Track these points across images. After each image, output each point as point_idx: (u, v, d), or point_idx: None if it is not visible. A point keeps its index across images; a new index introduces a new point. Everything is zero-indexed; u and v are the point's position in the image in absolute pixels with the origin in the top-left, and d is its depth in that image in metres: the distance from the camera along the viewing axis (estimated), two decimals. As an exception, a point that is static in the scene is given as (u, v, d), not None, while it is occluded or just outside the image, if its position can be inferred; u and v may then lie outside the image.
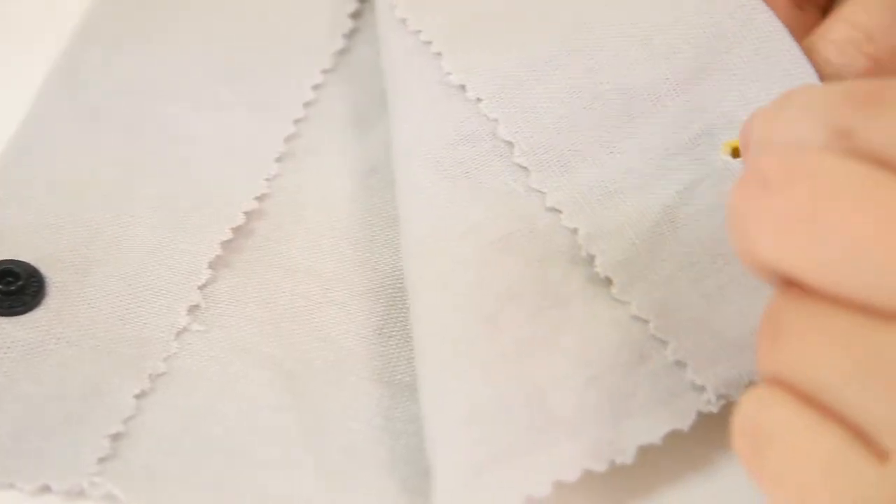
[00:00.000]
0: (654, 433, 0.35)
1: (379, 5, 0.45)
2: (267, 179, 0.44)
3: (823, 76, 0.38)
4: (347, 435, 0.38)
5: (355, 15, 0.49)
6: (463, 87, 0.41)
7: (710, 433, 0.36)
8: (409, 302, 0.39)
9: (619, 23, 0.41)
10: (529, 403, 0.35)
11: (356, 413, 0.38)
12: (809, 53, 0.39)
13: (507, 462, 0.34)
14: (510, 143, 0.40)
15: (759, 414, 0.30)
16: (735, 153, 0.39)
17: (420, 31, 0.43)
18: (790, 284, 0.31)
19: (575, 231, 0.39)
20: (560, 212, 0.39)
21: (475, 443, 0.35)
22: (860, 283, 0.28)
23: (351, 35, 0.48)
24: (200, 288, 0.41)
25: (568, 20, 0.41)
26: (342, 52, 0.48)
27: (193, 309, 0.41)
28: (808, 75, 0.38)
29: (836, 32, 0.38)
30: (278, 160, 0.44)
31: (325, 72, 0.47)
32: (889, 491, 0.28)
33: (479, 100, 0.41)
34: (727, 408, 0.36)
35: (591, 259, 0.38)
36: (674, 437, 0.36)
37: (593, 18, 0.41)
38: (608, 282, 0.38)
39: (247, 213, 0.42)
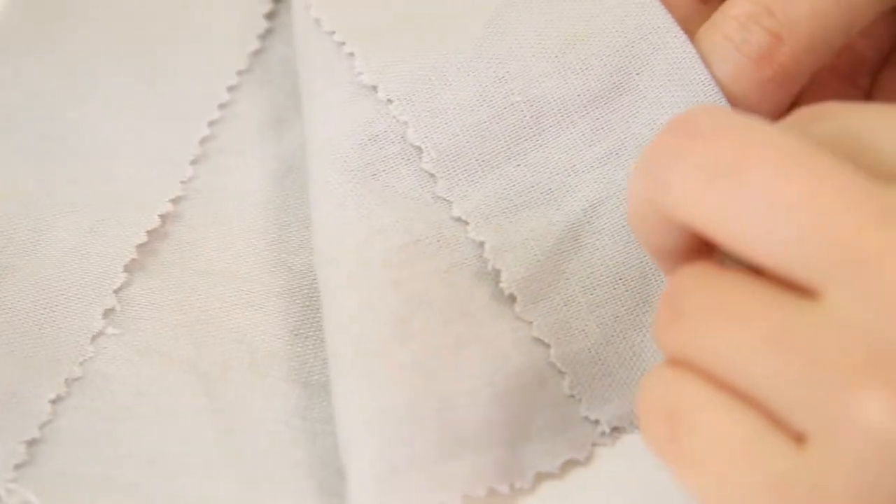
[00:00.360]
0: (551, 461, 0.37)
1: (294, 4, 0.45)
2: (182, 182, 0.44)
3: (724, 51, 0.38)
4: (264, 436, 0.38)
5: (270, 15, 0.48)
6: (374, 88, 0.41)
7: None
8: (321, 302, 0.39)
9: (532, 33, 0.41)
10: (439, 412, 0.35)
11: (273, 414, 0.39)
12: (711, 30, 0.39)
13: (419, 468, 0.35)
14: (419, 148, 0.41)
15: (671, 397, 0.30)
16: None
17: (334, 32, 0.43)
18: (687, 256, 0.31)
19: (481, 244, 0.39)
20: (466, 223, 0.39)
21: (387, 445, 0.35)
22: (777, 249, 0.28)
23: (266, 35, 0.48)
24: (115, 291, 0.41)
25: (482, 27, 0.41)
26: (257, 53, 0.47)
27: (109, 312, 0.40)
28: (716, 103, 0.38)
29: (736, 8, 0.38)
30: (193, 162, 0.44)
31: (240, 73, 0.47)
32: (810, 475, 0.28)
33: (389, 101, 0.41)
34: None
35: (497, 273, 0.39)
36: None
37: (507, 27, 0.41)
38: (512, 298, 0.38)
39: (162, 216, 0.42)
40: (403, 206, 0.39)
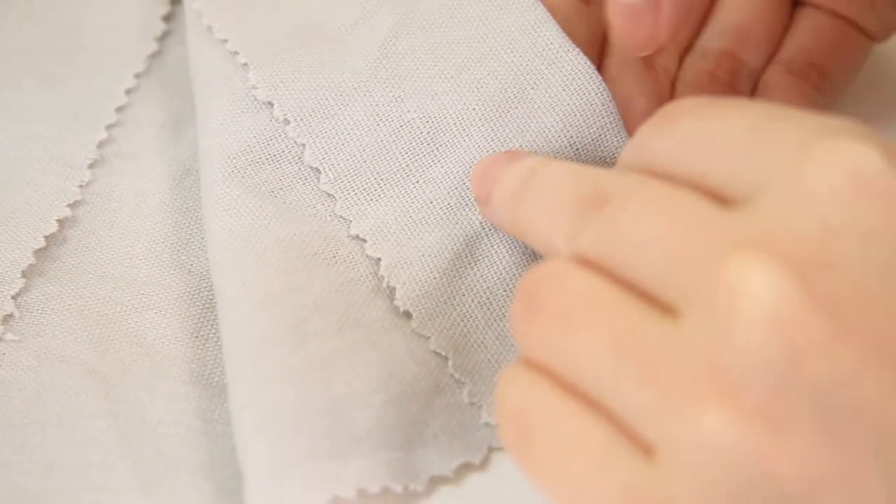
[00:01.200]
0: (446, 465, 0.37)
1: (187, 10, 0.45)
2: (80, 186, 0.44)
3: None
4: (165, 439, 0.38)
5: (167, 17, 0.49)
6: (270, 104, 0.41)
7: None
8: (218, 307, 0.40)
9: (428, 56, 0.41)
10: (331, 414, 0.36)
11: (173, 417, 0.39)
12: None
13: (312, 464, 0.35)
14: (316, 170, 0.41)
15: (523, 400, 0.30)
16: None
17: (227, 41, 0.43)
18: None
19: (378, 261, 0.39)
20: (364, 241, 0.40)
21: (279, 442, 0.35)
22: (646, 275, 0.29)
23: (163, 37, 0.48)
24: (14, 297, 0.41)
25: (378, 48, 0.42)
26: (155, 55, 0.48)
27: (7, 318, 0.40)
28: (610, 112, 0.39)
29: None
30: (91, 166, 0.44)
31: (137, 75, 0.47)
32: (656, 487, 0.27)
33: (286, 122, 0.41)
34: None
35: (391, 291, 0.39)
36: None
37: (404, 49, 0.41)
38: (408, 315, 0.39)
39: (60, 221, 0.42)
40: (300, 221, 0.40)
